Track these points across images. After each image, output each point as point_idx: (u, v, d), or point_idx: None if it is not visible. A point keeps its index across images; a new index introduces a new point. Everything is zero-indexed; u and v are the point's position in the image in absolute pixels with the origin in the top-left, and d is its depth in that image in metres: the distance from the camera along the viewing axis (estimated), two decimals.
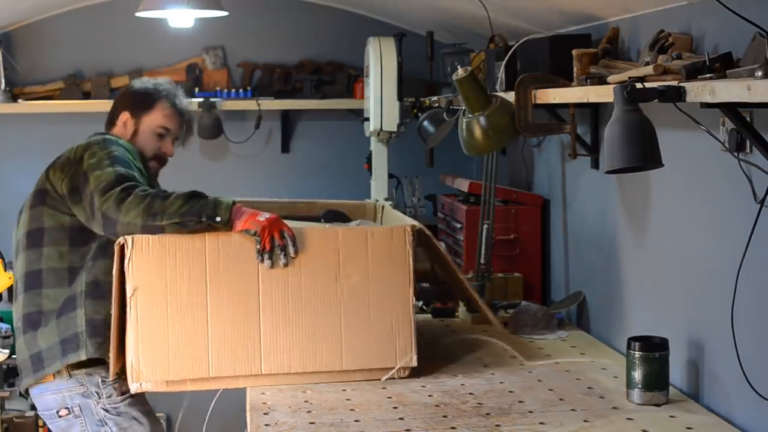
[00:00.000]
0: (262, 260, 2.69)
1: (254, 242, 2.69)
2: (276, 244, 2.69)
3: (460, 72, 3.17)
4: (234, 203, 2.72)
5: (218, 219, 2.67)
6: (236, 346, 2.70)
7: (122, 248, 2.65)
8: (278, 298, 2.72)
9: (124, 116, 3.13)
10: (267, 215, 2.71)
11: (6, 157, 4.71)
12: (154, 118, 3.12)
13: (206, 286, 2.68)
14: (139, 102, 3.14)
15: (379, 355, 2.79)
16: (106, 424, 2.93)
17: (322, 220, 3.40)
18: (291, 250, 2.70)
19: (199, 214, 2.67)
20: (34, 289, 2.92)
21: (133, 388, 2.70)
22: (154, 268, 2.66)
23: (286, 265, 2.70)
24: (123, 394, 2.92)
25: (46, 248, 2.92)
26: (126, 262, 2.65)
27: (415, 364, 2.80)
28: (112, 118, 3.17)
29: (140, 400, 3.00)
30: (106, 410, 2.92)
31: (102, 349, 2.85)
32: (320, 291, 2.75)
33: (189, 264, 2.68)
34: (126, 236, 2.65)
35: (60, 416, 2.94)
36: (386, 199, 4.18)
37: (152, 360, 2.67)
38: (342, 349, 2.77)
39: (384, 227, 2.95)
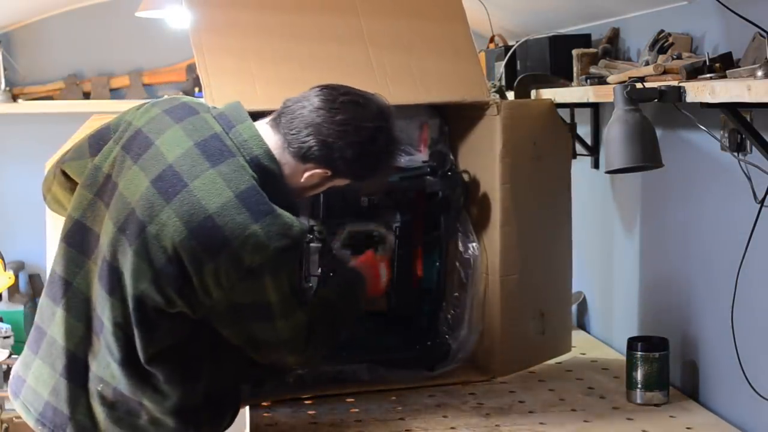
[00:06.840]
0: None
1: None
2: None
3: None
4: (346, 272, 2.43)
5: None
6: None
7: None
8: None
9: (319, 173, 2.09)
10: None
11: (6, 157, 4.70)
12: (347, 181, 2.18)
13: None
14: (357, 175, 2.15)
15: None
16: None
17: None
18: None
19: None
20: None
21: None
22: None
23: None
24: None
25: None
26: None
27: None
28: (291, 149, 2.05)
29: None
30: None
31: None
32: None
33: None
34: None
35: None
36: None
37: None
38: None
39: None
